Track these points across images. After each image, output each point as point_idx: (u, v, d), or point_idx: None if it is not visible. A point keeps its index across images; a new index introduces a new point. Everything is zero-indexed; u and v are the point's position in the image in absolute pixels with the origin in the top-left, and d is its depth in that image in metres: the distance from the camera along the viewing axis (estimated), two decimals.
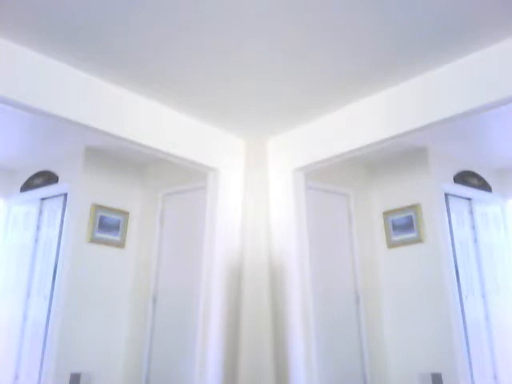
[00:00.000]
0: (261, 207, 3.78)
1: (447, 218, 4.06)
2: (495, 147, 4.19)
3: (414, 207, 4.10)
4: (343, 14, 2.32)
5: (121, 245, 4.31)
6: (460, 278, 3.94)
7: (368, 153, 4.13)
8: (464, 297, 3.91)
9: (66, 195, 4.23)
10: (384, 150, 4.18)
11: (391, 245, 4.23)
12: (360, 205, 4.41)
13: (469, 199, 4.40)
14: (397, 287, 4.12)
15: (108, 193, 4.33)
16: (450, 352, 3.62)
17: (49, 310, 3.90)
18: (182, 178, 4.32)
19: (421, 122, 2.85)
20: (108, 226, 4.24)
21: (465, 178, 4.39)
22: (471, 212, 4.36)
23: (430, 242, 3.95)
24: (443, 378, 3.61)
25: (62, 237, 4.04)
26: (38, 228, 4.38)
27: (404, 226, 4.15)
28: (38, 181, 4.55)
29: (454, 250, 4.00)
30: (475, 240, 4.28)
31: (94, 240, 4.11)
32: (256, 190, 3.83)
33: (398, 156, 4.36)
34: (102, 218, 4.20)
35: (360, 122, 3.23)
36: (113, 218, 4.29)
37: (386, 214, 4.32)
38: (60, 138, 4.05)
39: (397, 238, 4.19)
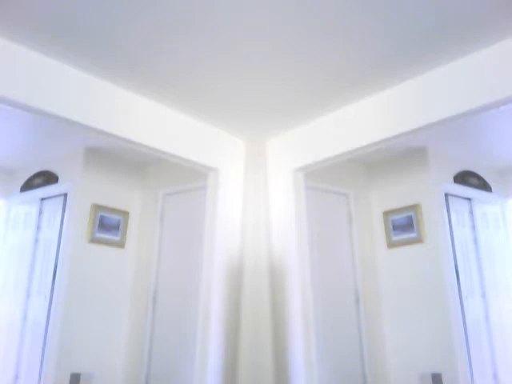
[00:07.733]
0: (261, 207, 3.78)
1: (447, 218, 4.06)
2: (495, 147, 4.19)
3: (414, 207, 4.10)
4: (343, 14, 2.32)
5: (121, 245, 4.31)
6: (460, 277, 3.94)
7: (368, 153, 4.13)
8: (464, 297, 3.91)
9: (65, 195, 4.22)
10: (384, 149, 4.18)
11: (391, 245, 4.23)
12: (360, 205, 4.41)
13: (469, 199, 4.39)
14: (397, 287, 4.11)
15: (108, 193, 4.33)
16: (450, 352, 3.62)
17: (49, 310, 3.90)
18: (182, 178, 4.32)
19: (421, 122, 2.85)
20: (108, 226, 4.24)
21: (465, 178, 4.38)
22: (471, 212, 4.36)
23: (430, 242, 3.94)
24: (443, 378, 3.61)
25: (62, 237, 4.04)
26: (38, 228, 4.38)
27: (404, 226, 4.15)
28: (37, 181, 4.55)
29: (454, 250, 3.99)
30: (475, 240, 4.28)
31: (94, 240, 4.11)
32: (256, 189, 3.83)
33: (397, 156, 4.36)
34: (102, 218, 4.20)
35: (360, 122, 3.23)
36: (113, 217, 4.29)
37: (386, 213, 4.32)
38: (60, 138, 4.05)
39: (397, 237, 4.19)
